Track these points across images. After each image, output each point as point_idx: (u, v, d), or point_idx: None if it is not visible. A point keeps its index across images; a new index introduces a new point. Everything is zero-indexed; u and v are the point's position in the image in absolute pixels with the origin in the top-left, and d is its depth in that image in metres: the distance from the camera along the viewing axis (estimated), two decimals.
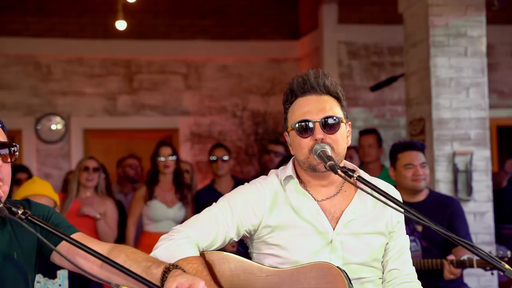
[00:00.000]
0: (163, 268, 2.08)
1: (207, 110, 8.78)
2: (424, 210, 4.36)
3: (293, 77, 2.53)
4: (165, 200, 5.72)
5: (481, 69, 5.59)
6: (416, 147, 4.49)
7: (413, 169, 4.42)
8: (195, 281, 1.96)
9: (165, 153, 5.73)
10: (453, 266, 4.06)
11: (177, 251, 2.38)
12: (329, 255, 2.43)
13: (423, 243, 4.34)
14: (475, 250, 2.07)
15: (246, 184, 2.57)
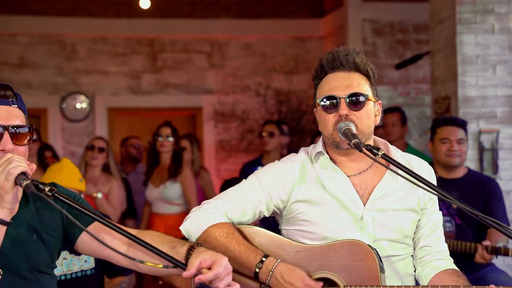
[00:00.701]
0: (188, 246, 2.10)
1: (231, 88, 8.78)
2: (460, 187, 4.36)
3: (324, 53, 2.53)
4: (154, 180, 5.82)
5: (508, 46, 5.53)
6: (456, 123, 4.48)
7: (449, 144, 4.41)
8: (218, 257, 1.98)
9: (164, 133, 5.79)
10: (486, 252, 4.04)
11: (206, 219, 2.42)
12: (359, 231, 2.44)
13: (457, 220, 4.32)
14: (506, 231, 2.06)
15: (276, 161, 2.59)
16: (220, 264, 1.95)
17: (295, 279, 2.28)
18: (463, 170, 4.50)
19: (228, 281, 1.97)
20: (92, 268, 3.64)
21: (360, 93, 2.44)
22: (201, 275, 1.93)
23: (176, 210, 5.78)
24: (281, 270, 2.31)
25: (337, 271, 2.36)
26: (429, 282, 2.48)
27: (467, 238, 4.28)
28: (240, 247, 2.36)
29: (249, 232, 2.47)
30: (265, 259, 2.33)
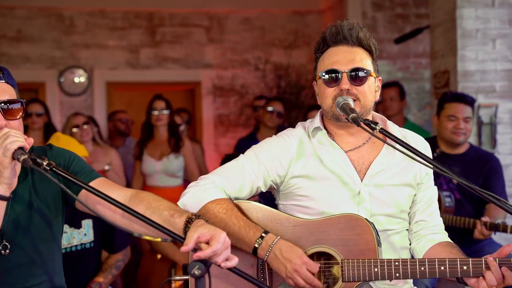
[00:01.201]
0: (186, 218, 2.09)
1: (230, 63, 8.75)
2: (462, 163, 4.36)
3: (327, 26, 2.52)
4: (154, 154, 5.81)
5: (508, 20, 5.50)
6: (464, 100, 4.44)
7: (455, 122, 4.39)
8: (216, 232, 1.97)
9: (158, 106, 5.79)
10: (485, 228, 4.05)
11: (204, 195, 2.42)
12: (356, 206, 2.45)
13: (457, 195, 4.34)
14: (504, 205, 2.07)
15: (273, 136, 2.59)
16: (218, 240, 1.94)
17: (293, 256, 2.29)
18: (465, 145, 4.50)
19: (226, 255, 1.97)
20: (91, 242, 3.67)
21: (363, 68, 2.44)
22: (199, 251, 1.92)
23: (177, 183, 5.83)
24: (280, 247, 2.32)
25: (335, 245, 2.37)
26: (424, 255, 2.50)
27: (466, 213, 4.30)
28: (240, 222, 2.36)
29: (246, 207, 2.47)
30: (265, 235, 2.34)
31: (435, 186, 2.60)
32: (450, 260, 2.29)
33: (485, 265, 2.27)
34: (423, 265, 2.29)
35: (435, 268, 2.29)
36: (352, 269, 2.33)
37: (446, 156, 4.42)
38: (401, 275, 2.31)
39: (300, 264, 2.29)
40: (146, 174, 5.85)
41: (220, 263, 1.95)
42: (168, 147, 5.80)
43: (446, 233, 2.57)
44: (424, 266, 2.29)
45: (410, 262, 2.31)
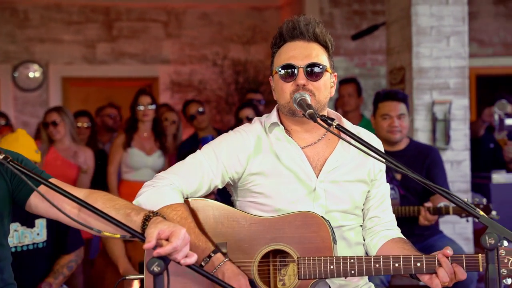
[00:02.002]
0: (143, 215, 2.07)
1: (188, 58, 8.71)
2: (403, 158, 4.39)
3: (285, 20, 2.52)
4: (143, 148, 5.75)
5: (462, 17, 5.58)
6: (396, 98, 4.45)
7: (389, 120, 4.42)
8: (176, 228, 1.96)
9: (144, 101, 5.73)
10: (429, 213, 4.11)
11: (161, 198, 2.39)
12: (312, 203, 2.46)
13: (401, 191, 4.38)
14: (450, 196, 2.10)
15: (230, 132, 2.58)
16: (178, 236, 1.93)
17: (234, 284, 2.28)
18: (405, 141, 4.53)
19: (186, 251, 1.96)
20: (44, 241, 3.60)
21: (319, 64, 2.44)
22: (160, 248, 1.91)
23: None
24: (224, 271, 2.30)
25: (291, 243, 2.37)
26: (378, 251, 2.53)
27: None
28: (191, 235, 2.32)
29: (202, 205, 2.46)
30: (213, 255, 2.32)
31: (388, 184, 2.63)
32: (404, 257, 2.32)
33: (438, 262, 2.31)
34: (378, 262, 2.32)
35: (389, 265, 2.31)
36: (308, 266, 2.34)
37: (388, 154, 4.45)
38: (356, 272, 2.33)
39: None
40: (132, 167, 5.75)
41: (179, 260, 1.94)
42: (154, 143, 5.77)
43: (399, 229, 2.61)
44: (379, 263, 2.32)
45: (366, 259, 2.33)
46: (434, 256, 2.32)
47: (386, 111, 4.43)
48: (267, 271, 2.40)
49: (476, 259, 2.29)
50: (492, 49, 8.31)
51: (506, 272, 2.24)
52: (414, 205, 4.26)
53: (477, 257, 2.29)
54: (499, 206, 5.37)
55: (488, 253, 2.00)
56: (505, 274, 2.24)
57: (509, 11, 8.29)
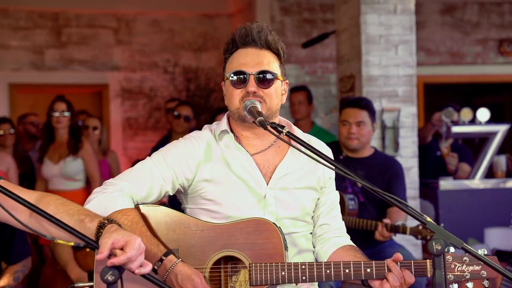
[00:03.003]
0: (98, 222, 2.03)
1: (138, 65, 8.64)
2: (367, 166, 4.45)
3: (237, 28, 2.52)
4: (52, 157, 5.72)
5: (410, 27, 5.68)
6: (357, 105, 4.48)
7: (348, 127, 4.45)
8: (131, 238, 1.93)
9: (59, 108, 5.67)
10: (385, 229, 4.14)
11: (111, 204, 2.36)
12: (262, 210, 2.46)
13: (361, 198, 4.42)
14: (405, 208, 2.13)
15: (180, 139, 2.56)
16: (133, 246, 1.91)
17: (187, 285, 2.27)
18: (369, 150, 4.57)
19: (140, 261, 1.93)
20: None
21: (270, 71, 2.45)
22: (114, 258, 1.88)
23: (77, 186, 5.76)
24: (177, 273, 2.29)
25: (242, 249, 2.38)
26: (328, 258, 2.54)
27: (369, 215, 4.40)
28: (143, 240, 2.30)
29: (154, 211, 2.44)
30: (165, 258, 2.30)
31: (337, 191, 2.65)
32: (354, 263, 2.35)
33: (387, 267, 2.33)
34: (329, 268, 2.33)
35: (340, 271, 2.33)
36: (260, 273, 2.34)
37: (351, 160, 4.51)
38: (307, 278, 2.34)
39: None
40: (46, 177, 5.74)
41: (134, 269, 1.92)
42: (66, 149, 5.69)
43: (349, 236, 2.63)
44: (330, 269, 2.33)
45: (317, 265, 2.34)
46: (384, 262, 2.35)
47: (345, 118, 4.47)
48: (218, 277, 2.40)
49: (424, 265, 2.33)
50: (439, 58, 8.48)
51: (453, 278, 2.27)
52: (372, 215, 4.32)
53: (425, 263, 2.33)
54: (446, 212, 5.48)
55: (435, 258, 2.03)
56: (452, 280, 2.27)
57: (455, 21, 8.48)
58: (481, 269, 2.27)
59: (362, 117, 4.42)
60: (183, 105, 6.25)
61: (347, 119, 4.45)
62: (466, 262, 2.28)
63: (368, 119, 4.45)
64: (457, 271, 2.27)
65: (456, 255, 2.28)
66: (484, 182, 5.71)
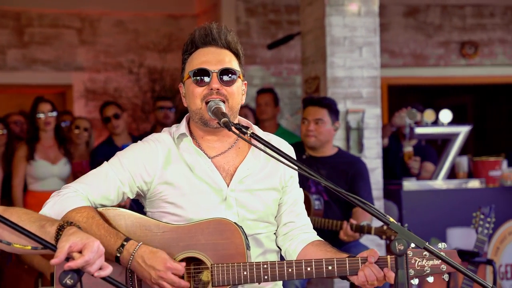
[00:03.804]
0: (58, 225, 2.02)
1: (102, 66, 8.57)
2: (329, 166, 4.46)
3: (195, 28, 2.52)
4: (48, 157, 5.62)
5: (374, 28, 5.73)
6: (316, 103, 4.53)
7: (307, 124, 4.48)
8: (89, 241, 1.92)
9: (44, 109, 5.58)
10: (350, 229, 4.16)
11: (65, 204, 2.35)
12: (224, 212, 2.45)
13: (325, 196, 4.43)
14: (369, 209, 2.14)
15: (139, 142, 2.54)
16: (91, 250, 1.89)
17: (156, 263, 2.27)
18: (331, 149, 4.59)
19: (100, 264, 1.92)
20: None
21: (232, 69, 2.45)
22: (71, 261, 1.86)
23: None
24: (142, 254, 2.28)
25: (204, 250, 2.37)
26: (298, 255, 2.54)
27: (334, 214, 4.42)
28: (100, 231, 2.30)
29: (113, 214, 2.42)
30: (126, 243, 2.29)
31: (300, 188, 2.65)
32: (316, 261, 2.34)
33: (361, 262, 2.33)
34: (291, 266, 2.34)
35: (302, 269, 2.34)
36: (222, 273, 2.34)
37: (314, 159, 4.53)
38: (269, 278, 2.34)
39: (164, 270, 2.27)
40: (38, 177, 5.60)
41: (93, 272, 1.90)
42: (58, 151, 5.62)
43: (315, 232, 2.63)
44: (292, 267, 2.34)
45: (278, 264, 2.34)
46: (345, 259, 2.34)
47: (305, 115, 4.52)
48: (181, 278, 2.38)
49: (385, 260, 2.32)
50: (402, 60, 8.57)
51: (414, 273, 2.30)
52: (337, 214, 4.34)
53: (386, 258, 2.33)
54: (410, 212, 5.54)
55: (397, 258, 2.05)
56: (413, 275, 2.30)
57: (418, 23, 8.58)
58: (441, 263, 2.29)
59: (321, 115, 4.46)
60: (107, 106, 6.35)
61: (306, 117, 4.50)
62: (426, 257, 2.30)
63: (328, 118, 4.48)
64: (418, 266, 2.29)
65: (416, 249, 2.30)
66: (446, 183, 5.79)
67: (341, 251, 2.47)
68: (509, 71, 8.72)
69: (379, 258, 2.31)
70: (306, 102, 4.61)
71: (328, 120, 4.49)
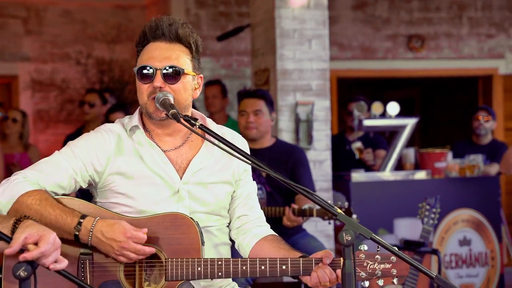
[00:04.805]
0: (15, 218, 2.01)
1: (49, 56, 8.41)
2: (266, 157, 4.48)
3: (149, 20, 2.50)
4: None
5: (323, 21, 5.77)
6: (253, 95, 4.54)
7: (246, 116, 4.50)
8: (45, 233, 1.91)
9: None
10: (293, 214, 4.19)
11: (16, 189, 2.32)
12: (175, 204, 2.45)
13: (267, 188, 4.46)
14: (309, 195, 2.16)
15: (91, 131, 2.53)
16: (47, 241, 1.88)
17: (116, 234, 2.26)
18: (271, 140, 4.62)
19: (55, 256, 1.91)
20: None
21: (177, 67, 2.42)
22: (26, 252, 1.85)
23: None
24: (100, 228, 2.27)
25: (159, 244, 2.36)
26: (251, 250, 2.55)
27: (277, 205, 4.45)
28: (56, 211, 2.29)
29: (67, 202, 2.39)
30: (83, 220, 2.28)
31: (254, 181, 2.67)
32: (270, 260, 2.34)
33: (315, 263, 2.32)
34: (245, 264, 2.34)
35: (256, 267, 2.33)
36: (176, 268, 2.34)
37: (253, 151, 4.55)
38: (223, 274, 2.34)
39: (125, 241, 2.27)
40: None
41: (48, 265, 1.89)
42: None
43: (269, 225, 2.65)
44: (246, 265, 2.34)
45: (233, 262, 2.34)
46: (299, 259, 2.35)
47: (243, 108, 4.52)
48: (133, 271, 2.38)
49: (338, 262, 2.32)
50: (351, 53, 8.66)
51: (365, 275, 2.31)
52: (280, 204, 4.36)
53: (339, 260, 2.31)
54: (358, 204, 5.62)
55: (345, 249, 2.08)
56: (364, 277, 2.31)
57: (366, 16, 8.68)
58: (392, 267, 2.31)
59: (259, 106, 4.49)
60: (88, 93, 6.42)
61: (244, 109, 4.50)
62: (378, 260, 2.32)
63: (265, 109, 4.52)
64: (369, 269, 2.32)
65: (368, 253, 2.32)
66: (394, 174, 5.89)
67: (294, 249, 2.48)
68: (454, 64, 8.91)
69: (332, 260, 2.32)
70: (242, 95, 4.62)
71: (266, 111, 4.52)
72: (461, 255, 5.87)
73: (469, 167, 6.09)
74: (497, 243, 5.97)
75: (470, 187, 5.95)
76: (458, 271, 5.86)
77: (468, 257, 5.88)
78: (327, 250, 2.38)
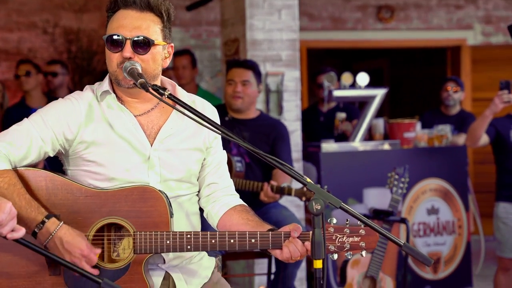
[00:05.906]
0: None
1: (15, 25, 8.25)
2: (252, 128, 4.50)
3: None
4: None
5: None
6: (242, 65, 4.56)
7: (233, 86, 4.51)
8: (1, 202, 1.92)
9: None
10: (271, 190, 4.22)
11: None
12: (147, 171, 2.44)
13: (246, 159, 4.48)
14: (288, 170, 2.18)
15: (60, 99, 2.49)
16: (3, 210, 1.89)
17: (73, 248, 2.26)
18: (254, 112, 4.64)
19: (12, 225, 1.90)
20: None
21: (146, 37, 2.40)
22: None
23: None
24: (61, 236, 2.26)
25: (127, 217, 2.36)
26: (220, 219, 2.56)
27: (255, 176, 4.48)
28: (21, 202, 2.26)
29: (34, 175, 2.37)
30: (47, 221, 2.26)
31: (224, 150, 2.67)
32: (239, 233, 2.35)
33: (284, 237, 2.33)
34: (214, 238, 2.34)
35: (225, 241, 2.35)
36: (144, 241, 2.34)
37: (237, 122, 4.57)
38: (192, 247, 2.35)
39: (79, 258, 2.27)
40: None
41: (5, 234, 1.89)
42: None
43: (238, 195, 2.66)
44: (215, 239, 2.34)
45: (202, 235, 2.35)
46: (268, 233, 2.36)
47: (231, 77, 4.53)
48: (101, 244, 2.37)
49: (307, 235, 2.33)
50: (321, 23, 8.64)
51: (334, 248, 2.33)
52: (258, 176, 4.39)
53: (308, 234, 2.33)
54: (328, 174, 5.66)
55: (314, 218, 2.10)
56: (333, 250, 2.33)
57: None
58: (360, 240, 2.34)
59: (247, 76, 4.51)
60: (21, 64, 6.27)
61: (233, 78, 4.51)
62: (347, 234, 2.33)
63: (253, 80, 4.54)
64: (338, 243, 2.34)
65: (338, 226, 2.34)
66: (363, 144, 5.93)
67: (262, 221, 2.49)
68: (423, 35, 8.95)
69: (301, 233, 2.34)
70: (231, 64, 4.62)
71: (254, 82, 4.54)
72: (429, 224, 5.96)
73: (437, 137, 6.15)
74: (464, 212, 6.07)
75: (438, 157, 6.02)
76: (426, 239, 5.95)
77: (436, 226, 5.98)
78: (295, 224, 2.39)
